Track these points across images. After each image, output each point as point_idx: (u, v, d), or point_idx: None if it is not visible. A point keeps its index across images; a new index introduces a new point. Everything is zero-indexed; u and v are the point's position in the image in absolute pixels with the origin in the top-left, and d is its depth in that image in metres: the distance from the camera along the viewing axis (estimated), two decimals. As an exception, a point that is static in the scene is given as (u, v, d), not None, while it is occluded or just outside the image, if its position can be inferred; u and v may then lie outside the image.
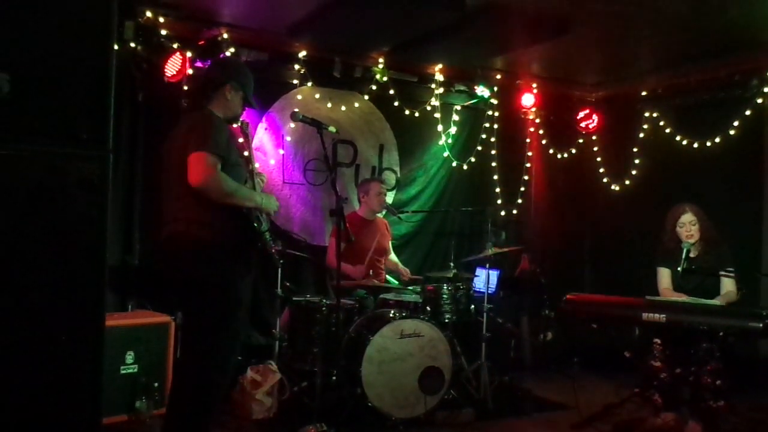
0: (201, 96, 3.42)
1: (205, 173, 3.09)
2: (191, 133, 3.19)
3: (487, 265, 5.28)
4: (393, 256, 5.86)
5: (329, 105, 5.98)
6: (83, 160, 1.72)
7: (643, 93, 6.59)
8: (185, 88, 4.92)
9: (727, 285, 4.70)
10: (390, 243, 5.86)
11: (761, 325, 4.05)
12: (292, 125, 5.75)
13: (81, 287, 1.74)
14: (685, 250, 4.69)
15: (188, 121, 3.32)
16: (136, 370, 4.36)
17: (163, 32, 4.97)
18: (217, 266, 3.20)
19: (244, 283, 3.33)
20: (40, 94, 1.68)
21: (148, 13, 4.85)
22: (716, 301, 4.63)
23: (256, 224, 3.33)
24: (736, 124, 5.88)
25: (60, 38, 1.70)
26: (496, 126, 6.82)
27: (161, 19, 4.91)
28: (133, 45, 4.91)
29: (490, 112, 6.78)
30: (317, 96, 5.91)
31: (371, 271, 5.23)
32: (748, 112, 5.80)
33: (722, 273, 4.68)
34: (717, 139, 6.02)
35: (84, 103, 1.75)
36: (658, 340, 4.57)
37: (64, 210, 1.71)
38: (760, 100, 5.72)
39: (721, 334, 4.13)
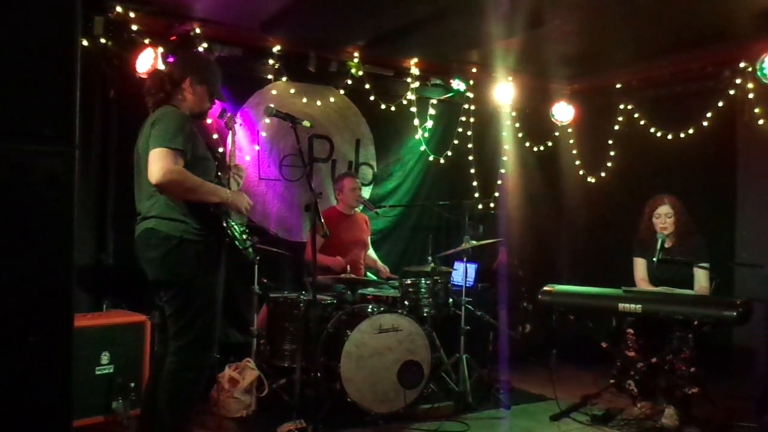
0: (160, 92, 3.37)
1: (164, 170, 3.07)
2: (152, 130, 3.18)
3: (465, 259, 5.28)
4: (372, 253, 5.86)
5: (304, 100, 5.94)
6: (48, 157, 1.68)
7: (618, 85, 6.63)
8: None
9: (701, 279, 4.74)
10: (369, 238, 5.86)
11: (735, 313, 4.11)
12: (267, 120, 5.71)
13: (48, 287, 1.69)
14: (660, 241, 4.74)
15: (151, 118, 3.29)
16: (111, 370, 4.29)
17: (134, 27, 4.88)
18: (186, 262, 3.21)
19: (215, 278, 3.32)
20: (1, 90, 1.63)
21: (119, 8, 4.76)
22: (691, 292, 4.69)
23: (224, 221, 3.31)
24: (709, 115, 5.93)
25: (21, 32, 1.65)
26: (472, 119, 6.83)
27: (132, 14, 4.82)
28: (103, 40, 4.83)
29: (466, 106, 6.79)
30: (292, 91, 5.87)
31: (349, 265, 5.21)
32: (720, 104, 5.85)
33: (697, 265, 4.73)
34: (691, 131, 6.07)
35: (48, 98, 1.70)
36: (631, 330, 4.62)
37: (30, 208, 1.67)
38: (732, 92, 5.78)
39: (696, 323, 4.18)
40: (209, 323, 3.28)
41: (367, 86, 6.05)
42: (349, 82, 5.99)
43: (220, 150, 4.79)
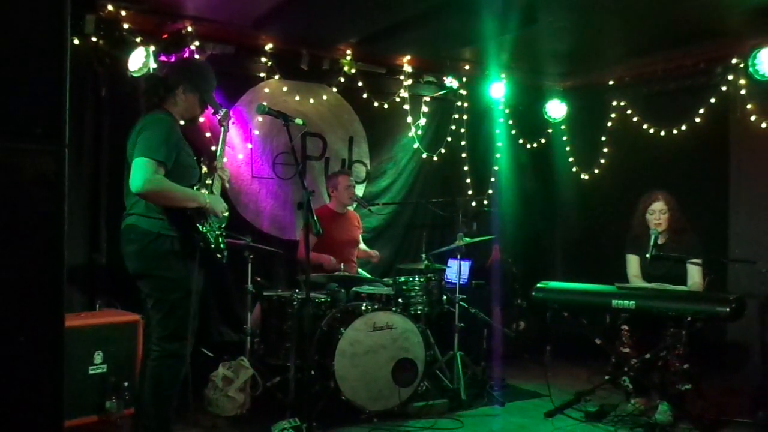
0: (154, 96, 3.48)
1: (144, 180, 3.20)
2: (139, 137, 3.30)
3: (459, 256, 5.28)
4: (362, 245, 5.85)
5: (297, 98, 5.93)
6: (38, 156, 1.68)
7: (611, 82, 6.64)
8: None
9: (694, 275, 4.73)
10: (360, 235, 5.85)
11: (728, 309, 4.12)
12: (260, 119, 5.69)
13: (39, 286, 1.69)
14: (653, 237, 4.74)
15: (142, 122, 3.39)
16: (105, 370, 4.27)
17: (126, 26, 4.87)
18: (161, 255, 3.33)
19: (191, 272, 3.39)
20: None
21: (110, 7, 4.74)
22: (684, 289, 4.69)
23: (199, 224, 3.39)
24: (701, 111, 5.94)
25: (10, 30, 1.64)
26: (465, 117, 6.82)
27: (123, 13, 4.81)
28: (94, 39, 4.81)
29: (459, 103, 6.77)
30: (285, 89, 5.86)
31: (343, 263, 5.20)
32: (713, 100, 5.87)
33: (690, 261, 4.73)
34: (683, 127, 6.08)
35: (38, 97, 1.70)
36: (626, 327, 4.63)
37: (20, 207, 1.66)
38: (724, 88, 5.79)
39: (689, 319, 4.19)
40: (186, 314, 3.37)
41: (360, 84, 6.04)
42: (342, 79, 5.98)
43: (213, 148, 4.77)
